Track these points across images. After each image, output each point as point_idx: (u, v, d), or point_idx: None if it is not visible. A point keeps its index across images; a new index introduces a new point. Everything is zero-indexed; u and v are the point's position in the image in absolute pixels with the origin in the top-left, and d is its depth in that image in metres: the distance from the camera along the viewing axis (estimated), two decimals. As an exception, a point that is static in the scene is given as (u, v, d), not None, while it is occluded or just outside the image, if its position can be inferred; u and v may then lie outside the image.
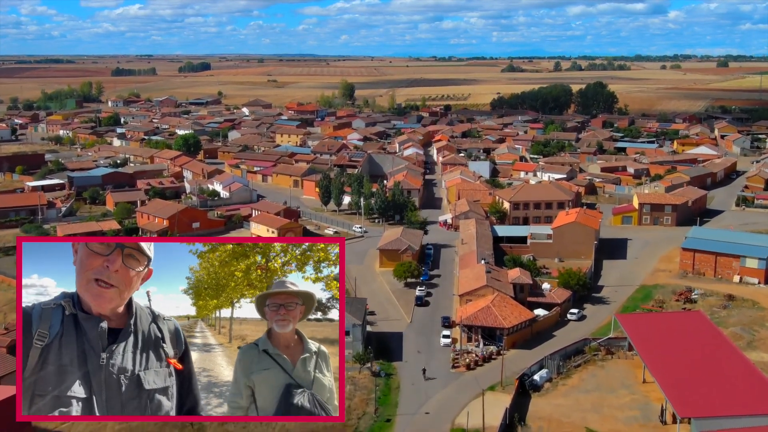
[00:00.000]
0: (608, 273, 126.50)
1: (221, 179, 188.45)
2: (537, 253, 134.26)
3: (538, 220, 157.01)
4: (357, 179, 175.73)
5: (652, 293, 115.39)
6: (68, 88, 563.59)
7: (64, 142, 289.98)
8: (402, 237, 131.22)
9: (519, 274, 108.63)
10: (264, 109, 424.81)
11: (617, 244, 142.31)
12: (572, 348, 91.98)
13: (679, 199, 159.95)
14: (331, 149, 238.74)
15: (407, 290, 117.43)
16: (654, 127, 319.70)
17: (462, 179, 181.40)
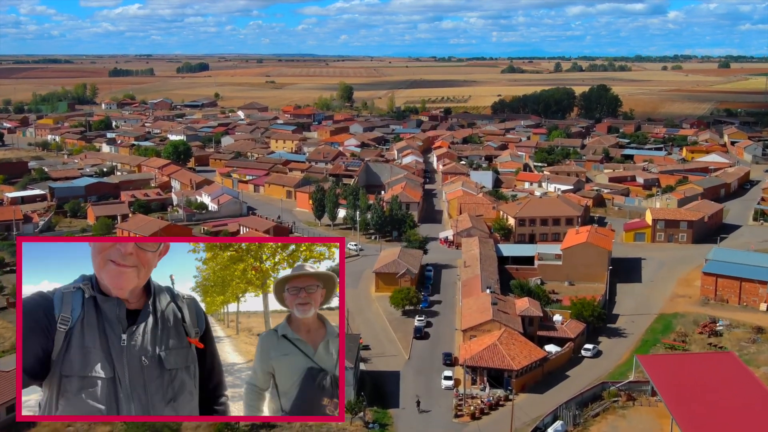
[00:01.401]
0: (623, 299, 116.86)
1: (210, 191, 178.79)
2: (545, 275, 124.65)
3: (545, 237, 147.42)
4: (353, 191, 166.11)
5: (673, 324, 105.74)
6: (62, 89, 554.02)
7: (51, 148, 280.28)
8: (400, 259, 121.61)
9: (528, 305, 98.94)
10: (260, 112, 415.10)
11: (630, 265, 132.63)
12: (589, 393, 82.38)
13: (695, 215, 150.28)
14: (326, 157, 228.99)
15: (405, 319, 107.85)
16: (661, 132, 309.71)
17: (464, 191, 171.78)
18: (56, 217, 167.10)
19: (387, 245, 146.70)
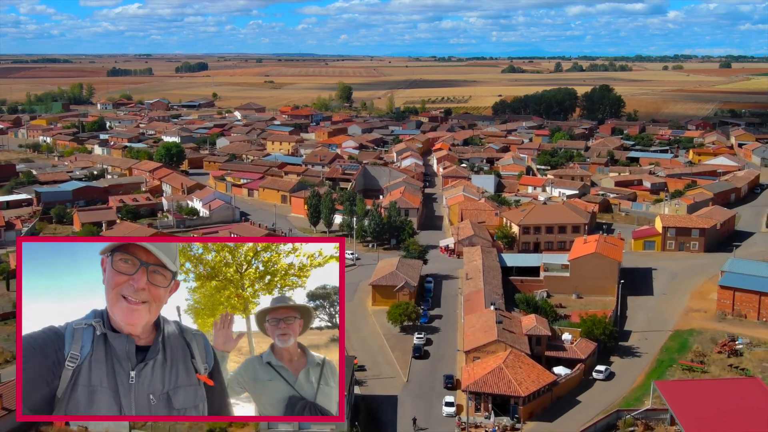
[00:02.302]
0: (634, 314, 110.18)
1: (201, 195, 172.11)
2: (552, 287, 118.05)
3: (550, 245, 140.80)
4: (349, 197, 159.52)
5: (689, 342, 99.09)
6: (58, 89, 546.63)
7: (42, 150, 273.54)
8: (398, 270, 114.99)
9: (535, 323, 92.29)
10: (257, 113, 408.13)
11: (641, 276, 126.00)
12: (603, 423, 75.91)
13: (707, 222, 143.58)
14: (323, 160, 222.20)
15: (403, 337, 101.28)
16: (666, 134, 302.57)
17: (465, 196, 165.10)
18: (41, 223, 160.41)
19: (385, 254, 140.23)
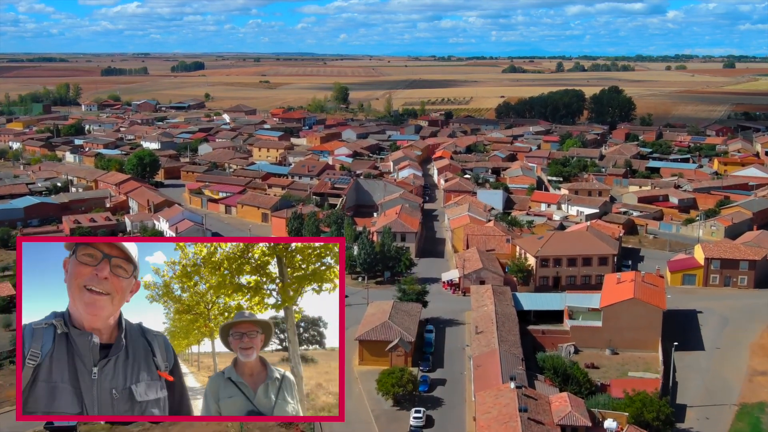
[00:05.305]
0: (686, 379, 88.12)
1: (168, 215, 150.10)
2: (580, 341, 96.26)
3: (572, 280, 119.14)
4: (336, 219, 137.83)
5: (761, 422, 77.48)
6: (44, 89, 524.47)
7: (8, 157, 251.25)
8: (391, 320, 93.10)
9: (569, 406, 70.34)
10: (247, 115, 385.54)
11: (685, 321, 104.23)
12: None
13: (757, 253, 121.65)
14: (312, 171, 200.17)
15: (397, 413, 79.53)
16: (686, 140, 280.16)
17: (471, 218, 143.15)
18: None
19: (376, 289, 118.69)
